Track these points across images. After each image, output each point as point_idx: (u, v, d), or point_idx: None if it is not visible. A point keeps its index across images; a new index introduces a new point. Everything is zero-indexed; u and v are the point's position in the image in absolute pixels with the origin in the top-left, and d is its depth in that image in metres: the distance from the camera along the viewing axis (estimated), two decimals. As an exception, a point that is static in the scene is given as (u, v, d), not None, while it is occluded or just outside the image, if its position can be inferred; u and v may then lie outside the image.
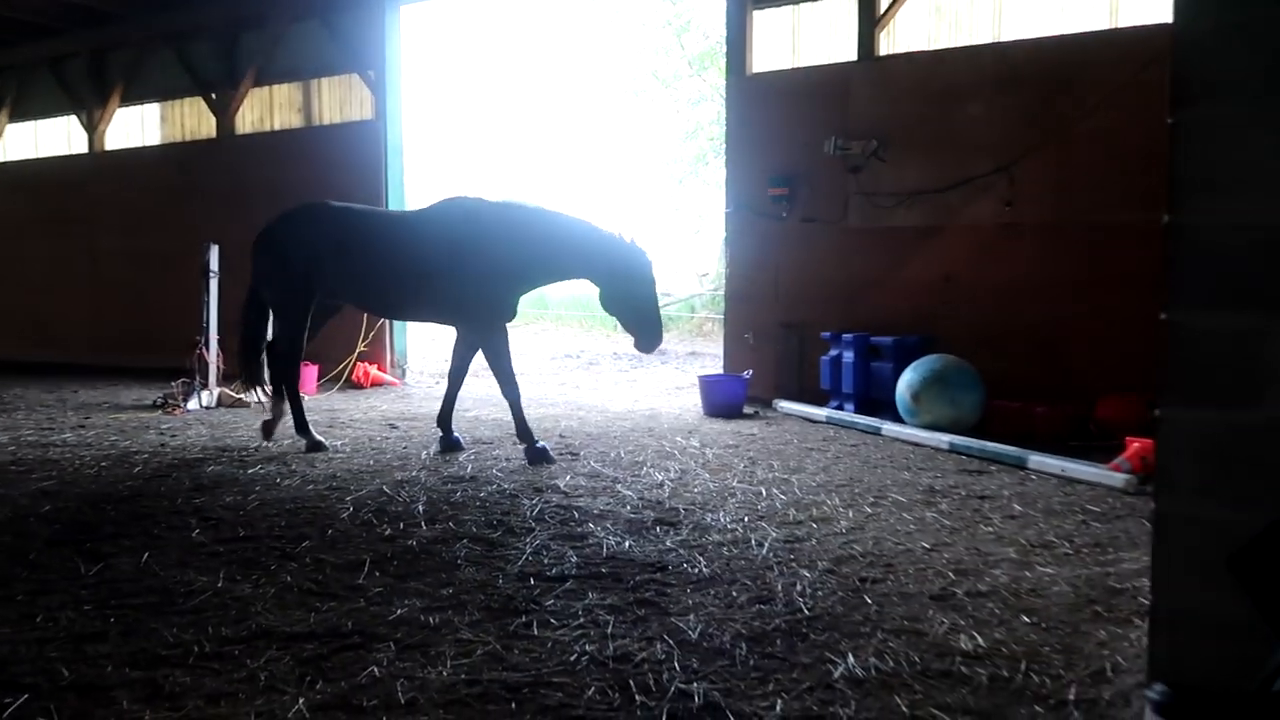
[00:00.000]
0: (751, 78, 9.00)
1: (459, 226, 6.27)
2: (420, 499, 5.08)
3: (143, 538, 4.38)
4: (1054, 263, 7.51)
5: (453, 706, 2.64)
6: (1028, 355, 7.62)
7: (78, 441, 7.10)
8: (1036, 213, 7.58)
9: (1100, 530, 4.43)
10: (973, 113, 7.83)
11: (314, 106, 12.20)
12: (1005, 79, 7.66)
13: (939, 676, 2.80)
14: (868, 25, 8.34)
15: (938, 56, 8.03)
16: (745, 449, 6.54)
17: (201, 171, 12.54)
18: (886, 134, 8.19)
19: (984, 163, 7.78)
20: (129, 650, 3.03)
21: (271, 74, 12.25)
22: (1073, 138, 7.38)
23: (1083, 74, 7.33)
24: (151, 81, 13.38)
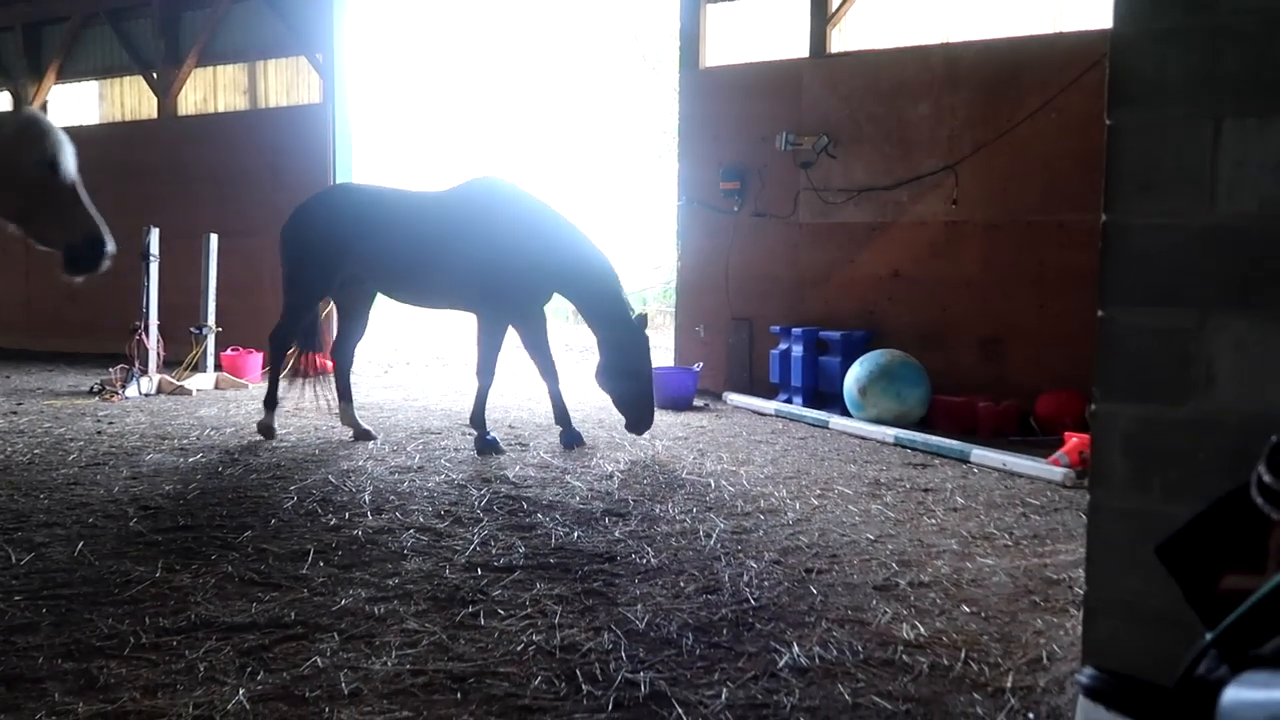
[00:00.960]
0: (704, 71, 9.03)
1: (486, 208, 6.14)
2: (366, 489, 5.02)
3: (77, 526, 4.26)
4: (998, 260, 7.67)
5: (397, 697, 2.61)
6: (972, 351, 7.78)
7: (9, 428, 6.88)
8: (981, 211, 7.73)
9: (1039, 523, 4.53)
10: (921, 111, 7.95)
11: (260, 89, 11.96)
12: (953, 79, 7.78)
13: (881, 665, 2.85)
14: (820, 22, 8.42)
15: (888, 55, 8.13)
16: (695, 441, 6.58)
17: (141, 152, 12.22)
18: (837, 130, 8.28)
19: (932, 161, 7.90)
20: (61, 641, 2.95)
21: (216, 54, 11.98)
22: (1017, 138, 7.53)
23: (1028, 76, 7.48)
24: (89, 58, 13.00)
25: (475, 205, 6.18)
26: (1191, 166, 2.22)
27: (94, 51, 12.93)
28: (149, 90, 12.39)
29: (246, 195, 11.43)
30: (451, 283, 6.19)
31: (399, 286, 6.43)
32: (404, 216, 6.24)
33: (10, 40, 13.32)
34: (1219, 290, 2.18)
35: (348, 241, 6.20)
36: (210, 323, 9.42)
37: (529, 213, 6.17)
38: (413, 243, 6.13)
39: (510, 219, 6.09)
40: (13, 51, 13.30)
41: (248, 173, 11.48)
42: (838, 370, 7.72)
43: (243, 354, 9.90)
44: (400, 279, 6.35)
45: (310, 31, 11.10)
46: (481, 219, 6.08)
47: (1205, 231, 2.21)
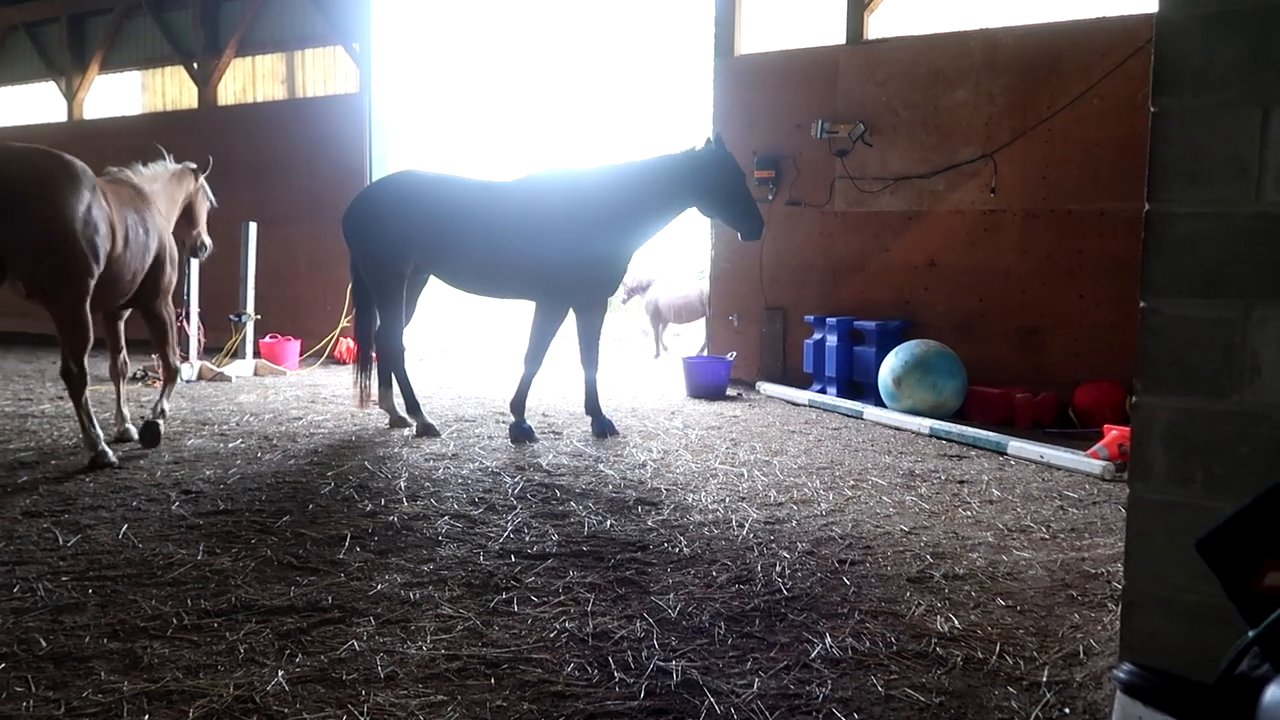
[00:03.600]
0: (739, 59, 8.97)
1: (553, 199, 6.11)
2: (402, 475, 5.08)
3: (122, 509, 4.36)
4: (1036, 249, 7.56)
5: (432, 681, 2.65)
6: (1009, 341, 7.68)
7: (56, 413, 7.04)
8: (1020, 199, 7.62)
9: (1077, 516, 4.48)
10: (959, 98, 7.84)
11: (297, 78, 12.08)
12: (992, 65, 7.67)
13: (915, 657, 2.83)
14: (857, 9, 8.32)
15: (926, 41, 8.02)
16: (728, 430, 6.57)
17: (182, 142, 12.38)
18: (873, 118, 8.19)
19: (969, 149, 7.81)
20: (107, 621, 3.02)
21: (254, 44, 12.12)
22: (1057, 125, 7.41)
23: (1069, 62, 7.35)
24: (132, 49, 13.21)
25: (547, 198, 6.14)
26: (1238, 154, 2.18)
27: (136, 42, 13.13)
28: (190, 80, 12.56)
29: (284, 184, 11.56)
30: (518, 272, 6.17)
31: (462, 275, 6.39)
32: (471, 205, 6.18)
33: (55, 32, 13.56)
34: (1265, 281, 2.14)
35: (415, 229, 6.17)
36: (249, 310, 9.55)
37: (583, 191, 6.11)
38: (481, 232, 6.10)
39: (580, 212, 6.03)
40: (57, 43, 13.54)
41: (285, 162, 11.61)
42: (872, 360, 7.67)
43: (281, 341, 10.04)
44: (465, 268, 6.32)
45: (347, 21, 11.18)
46: (552, 210, 6.06)
47: (1252, 221, 2.16)
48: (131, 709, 2.46)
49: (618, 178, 6.09)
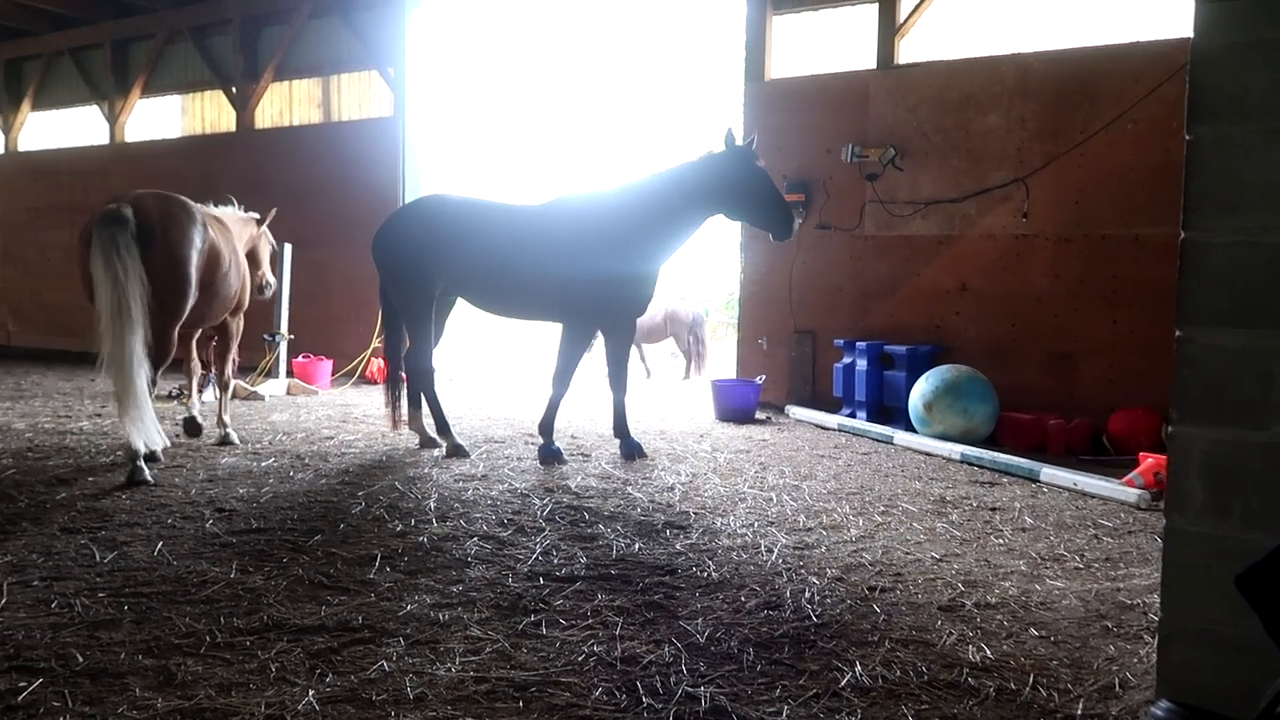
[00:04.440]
0: (769, 83, 9.01)
1: (575, 221, 6.14)
2: (431, 496, 5.11)
3: (157, 527, 4.42)
4: (1070, 275, 7.50)
5: (461, 703, 2.65)
6: (1041, 367, 7.61)
7: (94, 430, 7.16)
8: (1052, 224, 7.57)
9: (1112, 545, 4.42)
10: (991, 123, 7.83)
11: (333, 102, 12.28)
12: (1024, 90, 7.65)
13: (946, 687, 2.80)
14: (888, 34, 8.35)
15: (957, 66, 8.02)
16: (756, 454, 6.55)
17: (220, 164, 12.63)
18: (904, 142, 8.19)
19: (1001, 173, 7.78)
20: (142, 638, 3.06)
21: (291, 69, 12.34)
22: (1091, 150, 7.37)
23: (1102, 86, 7.32)
24: (173, 74, 13.49)
25: (575, 219, 6.18)
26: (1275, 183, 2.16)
27: (177, 67, 13.41)
28: (228, 104, 12.80)
29: (318, 206, 11.73)
30: (544, 295, 6.21)
31: (489, 297, 6.46)
32: (498, 228, 6.25)
33: (99, 57, 13.89)
34: (1304, 311, 2.12)
35: (443, 252, 6.24)
36: (283, 330, 9.67)
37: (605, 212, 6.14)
38: (508, 255, 6.15)
39: (605, 232, 6.06)
40: (101, 68, 13.86)
41: (320, 184, 11.78)
42: (903, 385, 7.63)
43: (313, 361, 10.16)
44: (492, 290, 6.38)
45: (382, 46, 11.37)
46: (574, 232, 6.10)
47: (1290, 250, 2.14)
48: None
49: (636, 194, 6.12)
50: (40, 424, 7.40)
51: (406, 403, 6.69)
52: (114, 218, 5.37)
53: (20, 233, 14.95)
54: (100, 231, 5.31)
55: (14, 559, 3.89)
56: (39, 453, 6.21)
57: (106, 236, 5.29)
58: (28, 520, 4.51)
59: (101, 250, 5.27)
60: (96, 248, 5.29)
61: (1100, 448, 6.89)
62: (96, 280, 5.29)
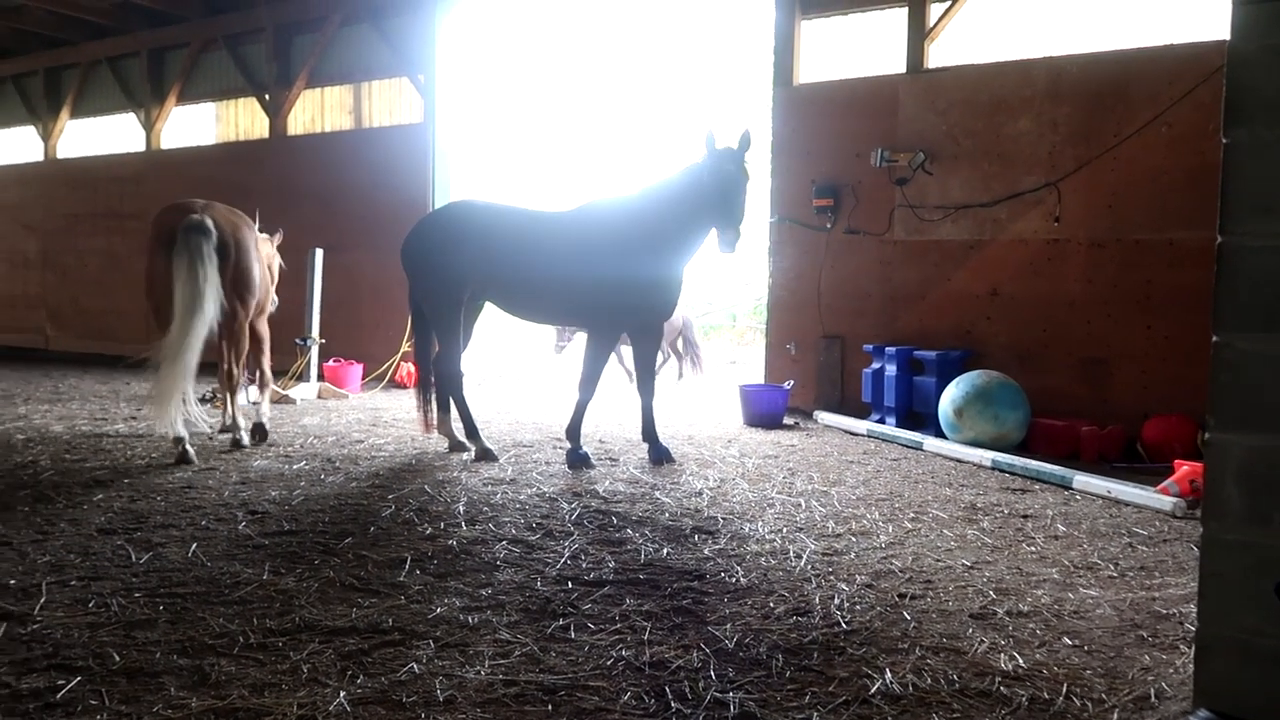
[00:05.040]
0: (798, 88, 8.99)
1: (599, 226, 6.18)
2: (461, 499, 5.14)
3: (191, 528, 4.48)
4: (1102, 279, 7.42)
5: (490, 706, 2.67)
6: (1074, 373, 7.53)
7: (130, 433, 7.27)
8: (1085, 229, 7.49)
9: (1146, 554, 4.36)
10: (1022, 127, 7.76)
11: (364, 109, 12.40)
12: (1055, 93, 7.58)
13: (978, 696, 2.78)
14: (917, 37, 8.30)
15: (988, 70, 7.96)
16: (785, 460, 6.53)
17: (253, 170, 12.79)
18: (933, 147, 8.14)
19: (1032, 177, 7.70)
20: (177, 638, 3.11)
21: (323, 76, 12.48)
22: (1124, 154, 7.28)
23: (1136, 89, 7.24)
24: (207, 81, 13.69)
25: (599, 224, 6.21)
26: (1316, 187, 2.13)
27: (211, 75, 13.61)
28: (261, 111, 12.97)
29: (349, 212, 11.85)
30: (570, 299, 6.26)
31: (517, 302, 6.51)
32: (525, 233, 6.30)
33: (136, 65, 14.12)
34: (1346, 317, 2.08)
35: (471, 258, 6.30)
36: (314, 334, 9.77)
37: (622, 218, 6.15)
38: (534, 259, 6.20)
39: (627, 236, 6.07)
40: (138, 76, 14.09)
41: (351, 190, 11.90)
42: (932, 390, 7.57)
43: (344, 365, 10.25)
44: (520, 295, 6.43)
45: (412, 53, 11.47)
46: (598, 237, 6.13)
47: (1331, 255, 2.11)
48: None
49: (653, 198, 6.11)
50: (77, 426, 7.53)
51: (436, 407, 6.74)
52: (199, 228, 5.97)
53: (59, 239, 15.22)
54: (187, 239, 5.90)
55: (52, 559, 3.96)
56: (76, 455, 6.32)
57: (194, 244, 5.90)
58: (65, 521, 4.59)
59: (188, 255, 5.87)
60: (182, 252, 5.87)
61: (1134, 455, 6.80)
62: (178, 280, 5.84)
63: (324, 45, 12.22)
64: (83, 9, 13.17)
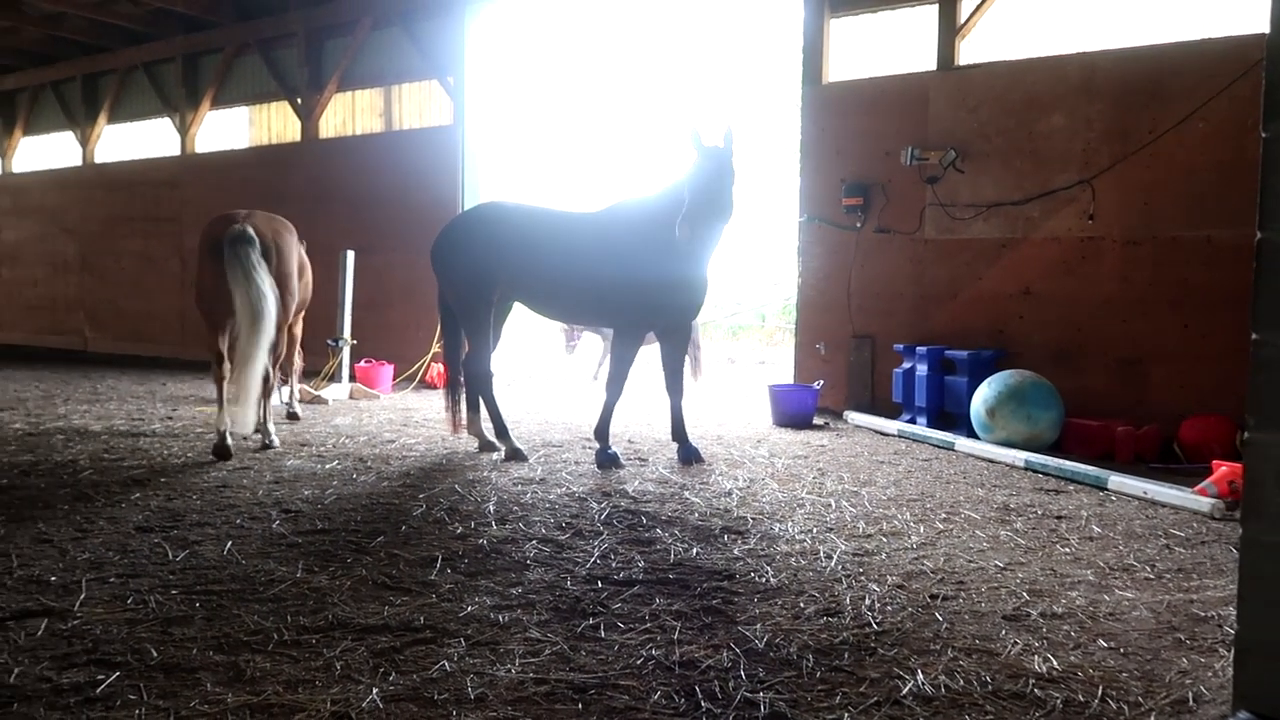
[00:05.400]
0: (827, 87, 8.95)
1: (625, 225, 6.19)
2: (491, 499, 5.17)
3: (226, 527, 4.54)
4: (1137, 278, 7.32)
5: (521, 704, 2.68)
6: (1109, 373, 7.43)
7: (166, 432, 7.38)
8: (1120, 226, 7.39)
9: (1184, 555, 4.29)
10: (1055, 124, 7.67)
11: (394, 111, 12.50)
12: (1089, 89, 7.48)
13: (1011, 698, 2.75)
14: (948, 34, 8.23)
15: (1020, 67, 7.88)
16: (815, 460, 6.50)
17: (285, 173, 12.94)
18: (965, 144, 8.07)
19: (1065, 175, 7.61)
20: (213, 634, 3.15)
21: (354, 79, 12.59)
22: (1160, 150, 7.18)
23: (1171, 84, 7.13)
24: (240, 86, 13.86)
25: (625, 225, 6.21)
26: (1359, 181, 2.09)
27: (245, 79, 13.78)
28: (294, 115, 13.11)
29: (379, 213, 11.95)
30: (597, 299, 6.28)
31: (545, 302, 6.56)
32: (553, 234, 6.34)
33: (171, 71, 14.34)
34: (1391, 313, 2.04)
35: (500, 258, 6.34)
36: (346, 335, 9.86)
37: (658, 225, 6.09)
38: (562, 260, 6.24)
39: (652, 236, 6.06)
40: (172, 81, 14.31)
41: (381, 192, 12.00)
42: (964, 390, 7.50)
43: (375, 366, 10.34)
44: (548, 295, 6.48)
45: (442, 56, 11.55)
46: (623, 236, 6.14)
47: (1375, 251, 2.07)
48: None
49: (670, 198, 6.07)
50: (115, 426, 7.66)
51: (466, 407, 6.78)
52: (243, 237, 6.15)
53: (97, 241, 15.49)
54: (235, 250, 6.09)
55: (92, 556, 4.04)
56: (114, 454, 6.42)
57: (242, 254, 6.09)
58: (104, 519, 4.67)
59: (241, 266, 6.06)
60: (234, 263, 6.06)
61: (1171, 455, 6.70)
62: (236, 289, 6.04)
63: (355, 49, 12.33)
64: (120, 16, 13.39)
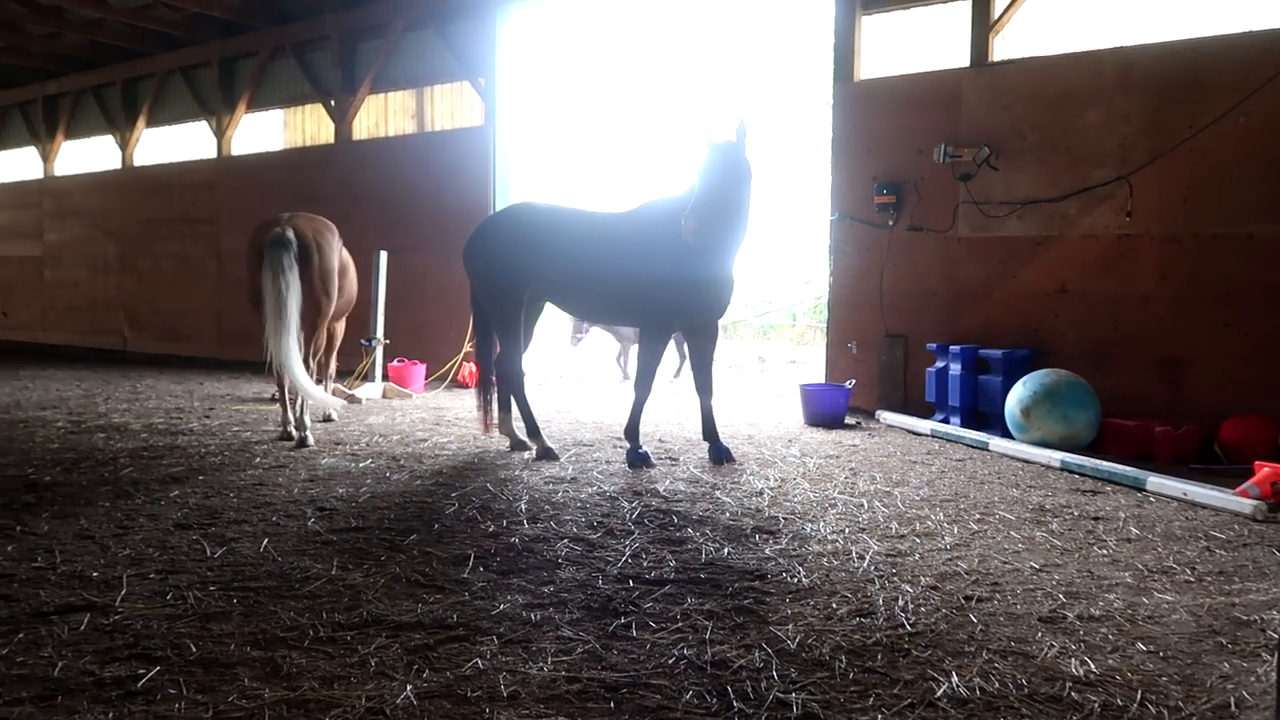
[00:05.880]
0: (858, 84, 8.89)
1: (652, 225, 6.19)
2: (523, 498, 5.19)
3: (262, 524, 4.60)
4: (1176, 276, 7.20)
5: (553, 702, 2.69)
6: (1147, 372, 7.32)
7: (203, 431, 7.49)
8: (1158, 223, 7.27)
9: (1225, 558, 4.22)
10: (1091, 120, 7.57)
11: (427, 113, 12.59)
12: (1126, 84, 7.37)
13: (1047, 701, 2.72)
14: (981, 30, 8.15)
15: (1055, 62, 7.78)
16: (846, 460, 6.46)
17: (319, 175, 13.08)
18: (999, 141, 7.98)
19: (1102, 171, 7.51)
20: (250, 630, 3.19)
21: (387, 81, 12.69)
22: (1199, 145, 7.06)
23: (1212, 79, 7.00)
24: (275, 89, 14.03)
25: (652, 224, 6.21)
26: None
27: (279, 83, 13.95)
28: (327, 117, 13.24)
29: (412, 214, 12.04)
30: (625, 298, 6.30)
31: (576, 302, 6.63)
32: (583, 235, 6.37)
33: (207, 75, 14.54)
34: None
35: (532, 259, 6.38)
36: (379, 335, 9.95)
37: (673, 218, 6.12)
38: (592, 260, 6.26)
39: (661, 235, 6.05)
40: (210, 85, 14.51)
41: (414, 193, 12.09)
42: (998, 390, 7.42)
43: (408, 365, 10.42)
44: (578, 295, 6.54)
45: (474, 57, 11.61)
46: (651, 236, 6.14)
47: None
48: (273, 715, 2.59)
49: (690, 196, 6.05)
50: (154, 424, 7.78)
51: (497, 406, 6.82)
52: (280, 241, 6.62)
53: (136, 243, 15.74)
54: (271, 253, 6.56)
55: (132, 553, 4.10)
56: (153, 452, 6.53)
57: (275, 258, 6.56)
58: (144, 516, 4.75)
59: (271, 269, 6.54)
60: (267, 266, 6.55)
61: (1211, 456, 6.59)
62: (265, 292, 6.56)
63: (388, 51, 12.43)
64: (159, 21, 13.60)
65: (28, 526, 4.54)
